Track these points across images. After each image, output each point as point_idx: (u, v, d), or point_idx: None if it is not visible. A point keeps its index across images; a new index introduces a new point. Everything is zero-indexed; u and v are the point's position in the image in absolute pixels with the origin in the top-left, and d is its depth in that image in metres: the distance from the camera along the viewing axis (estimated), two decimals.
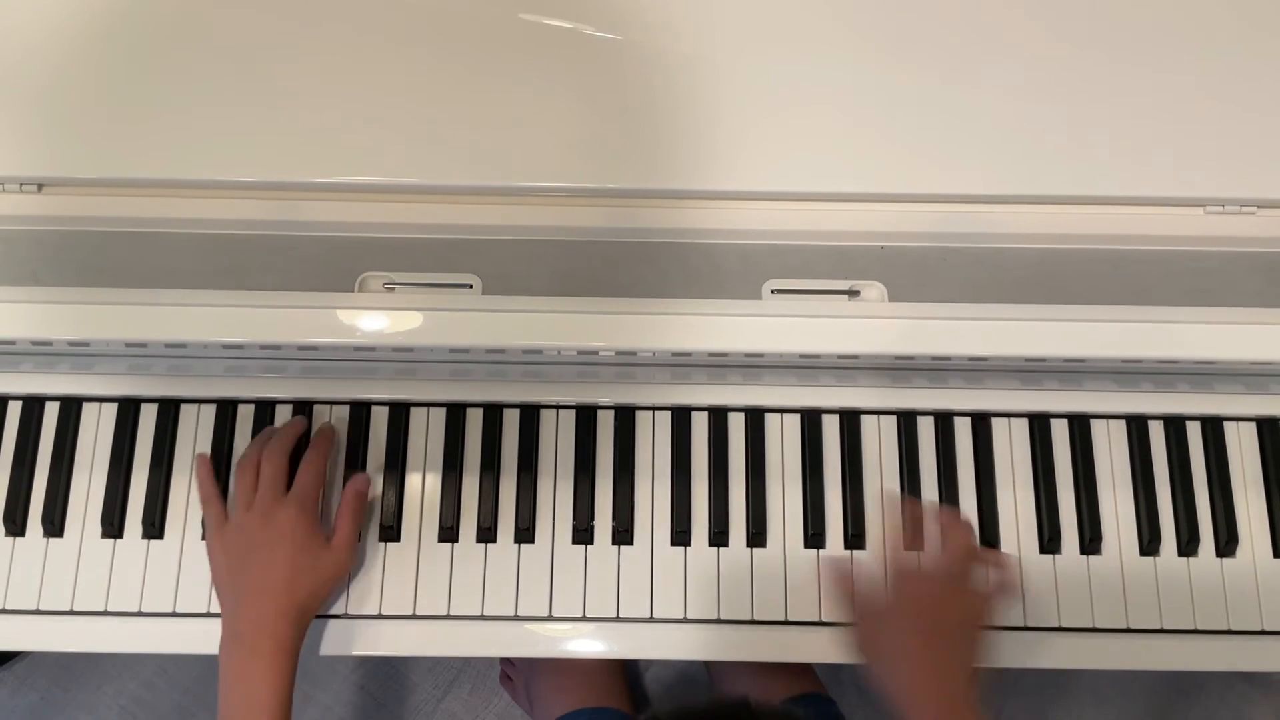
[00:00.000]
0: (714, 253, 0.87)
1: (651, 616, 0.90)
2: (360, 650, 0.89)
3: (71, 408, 0.93)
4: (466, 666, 1.56)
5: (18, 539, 0.90)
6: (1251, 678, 1.56)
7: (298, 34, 0.89)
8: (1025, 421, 0.94)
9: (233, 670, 0.82)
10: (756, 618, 0.90)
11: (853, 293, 0.86)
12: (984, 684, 0.79)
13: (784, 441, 0.94)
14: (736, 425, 0.94)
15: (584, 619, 0.90)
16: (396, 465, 0.92)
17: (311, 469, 0.88)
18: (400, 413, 0.94)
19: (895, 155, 0.87)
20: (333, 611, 0.89)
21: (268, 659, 0.81)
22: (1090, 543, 0.91)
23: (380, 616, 0.89)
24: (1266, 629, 0.90)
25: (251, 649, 0.81)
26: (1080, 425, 0.94)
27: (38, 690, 1.54)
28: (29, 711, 1.53)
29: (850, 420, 0.94)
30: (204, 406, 0.94)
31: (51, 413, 0.93)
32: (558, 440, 0.93)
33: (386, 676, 1.56)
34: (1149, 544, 0.91)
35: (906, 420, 0.94)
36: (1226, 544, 0.92)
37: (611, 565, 0.90)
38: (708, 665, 1.37)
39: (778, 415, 0.94)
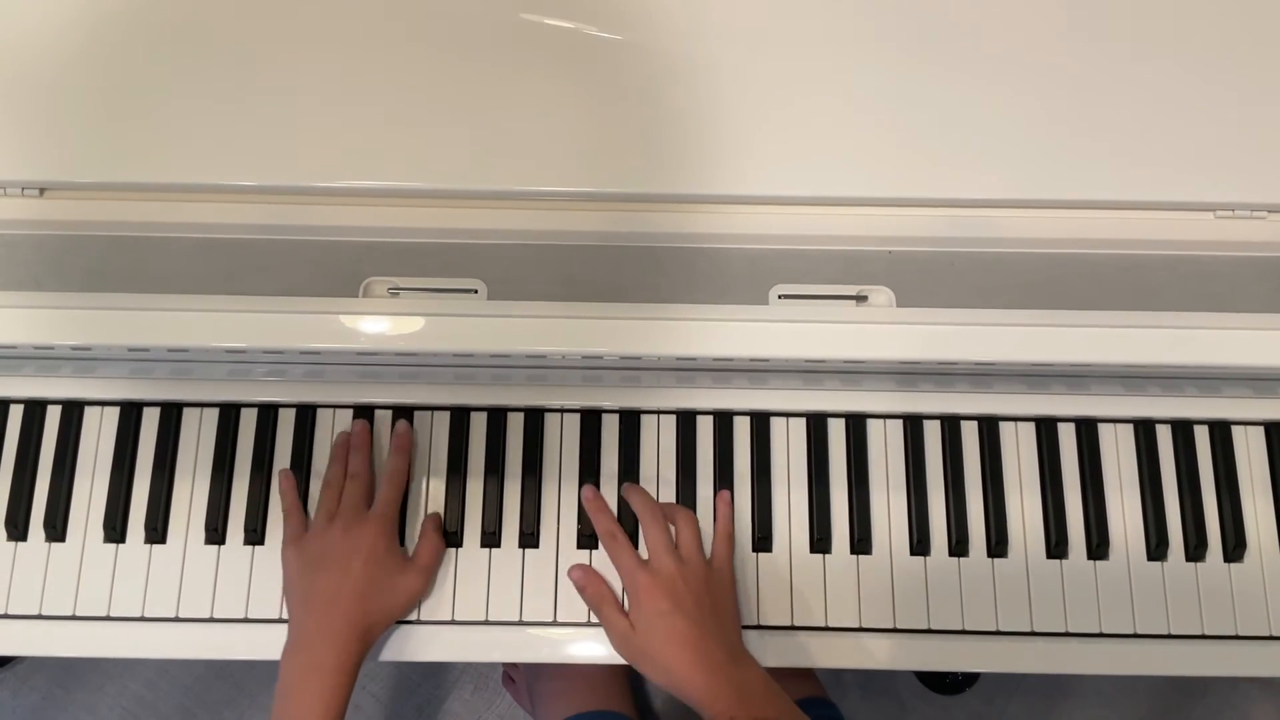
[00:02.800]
0: (721, 257, 0.87)
1: None
2: None
3: (73, 411, 0.93)
4: (469, 667, 1.56)
5: (20, 544, 0.90)
6: (1257, 679, 1.56)
7: (300, 38, 0.88)
8: (1032, 426, 0.94)
9: (291, 679, 0.81)
10: (762, 623, 0.89)
11: (860, 298, 0.86)
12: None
13: (789, 445, 0.93)
14: (742, 429, 0.94)
15: (589, 624, 0.89)
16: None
17: (392, 486, 0.88)
18: (404, 416, 0.93)
19: (903, 159, 0.86)
20: None
21: (328, 673, 0.80)
22: (1098, 548, 0.91)
23: None
24: (1274, 634, 0.90)
25: (314, 660, 0.81)
26: (1088, 429, 0.94)
27: (39, 690, 1.54)
28: (31, 711, 1.53)
29: (856, 424, 0.94)
30: (206, 410, 0.93)
31: (53, 416, 0.93)
32: (562, 444, 0.93)
33: (388, 676, 1.55)
34: (1156, 549, 0.91)
35: (913, 424, 0.94)
36: (1234, 549, 0.91)
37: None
38: None
39: (783, 419, 0.94)
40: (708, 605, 0.84)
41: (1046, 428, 0.94)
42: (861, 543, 0.91)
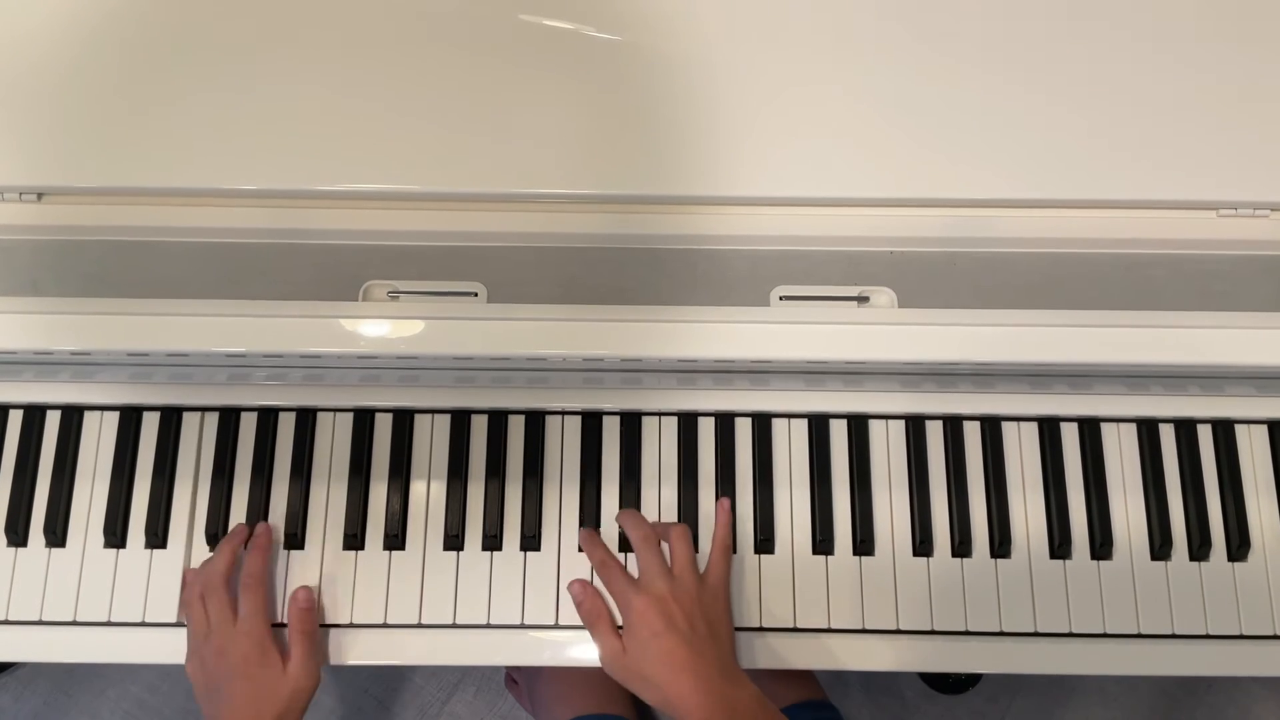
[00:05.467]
0: (721, 259, 0.87)
1: None
2: (364, 660, 0.89)
3: (73, 416, 0.92)
4: (471, 670, 1.55)
5: (20, 549, 0.90)
6: (1261, 678, 1.56)
7: (299, 41, 0.88)
8: (1035, 425, 0.94)
9: None
10: (764, 625, 0.89)
11: (862, 299, 0.86)
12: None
13: (791, 447, 0.93)
14: (744, 431, 0.93)
15: None
16: (401, 473, 0.92)
17: (251, 596, 0.86)
18: (405, 419, 0.93)
19: (904, 159, 0.86)
20: (338, 621, 0.89)
21: None
22: (1101, 547, 0.91)
23: (385, 626, 0.89)
24: (1278, 633, 0.89)
25: None
26: (1090, 429, 0.93)
27: (40, 695, 1.53)
28: (32, 716, 1.53)
29: (859, 425, 0.93)
30: (207, 414, 0.93)
31: (53, 421, 0.92)
32: (563, 447, 0.93)
33: (391, 680, 1.55)
34: (1160, 548, 0.91)
35: (915, 425, 0.93)
36: (1238, 548, 0.91)
37: None
38: None
39: (785, 420, 0.94)
40: (700, 624, 0.83)
41: (1049, 427, 0.93)
42: (864, 544, 0.90)
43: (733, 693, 0.81)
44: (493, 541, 0.91)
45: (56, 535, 0.89)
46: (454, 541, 0.90)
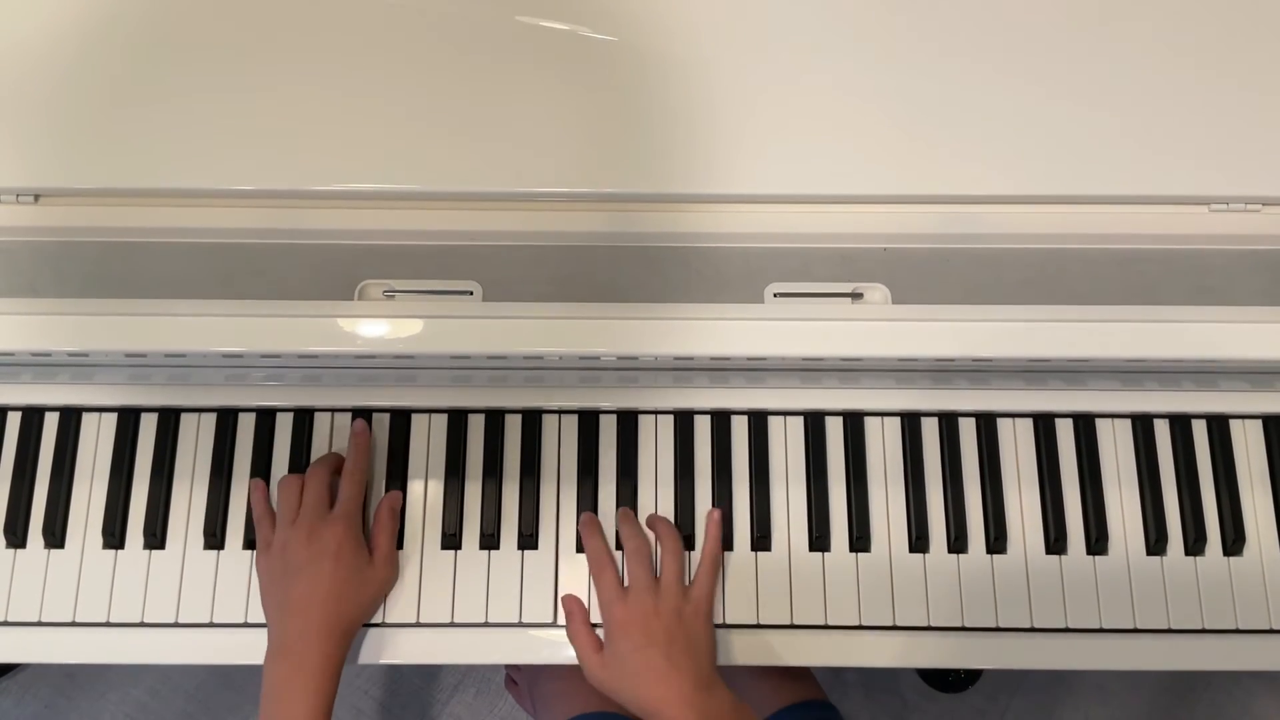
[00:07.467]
0: (715, 256, 0.87)
1: None
2: (364, 659, 0.89)
3: (71, 418, 0.93)
4: (471, 671, 1.56)
5: (19, 551, 0.90)
6: (1259, 673, 1.56)
7: (294, 42, 0.89)
8: (1030, 422, 0.94)
9: (276, 683, 0.82)
10: (761, 622, 0.89)
11: (856, 295, 0.86)
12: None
13: (787, 444, 0.93)
14: (740, 428, 0.94)
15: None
16: (398, 472, 0.92)
17: (352, 483, 0.88)
18: (402, 419, 0.93)
19: (898, 156, 0.86)
20: None
21: (310, 673, 0.81)
22: (1096, 543, 0.91)
23: (384, 625, 0.89)
24: (1274, 628, 0.90)
25: (296, 663, 0.82)
26: (1085, 425, 0.94)
27: (41, 699, 1.54)
28: None
29: (854, 422, 0.93)
30: (204, 415, 0.93)
31: (51, 423, 0.93)
32: (560, 445, 0.93)
33: (391, 681, 1.55)
34: (1155, 544, 0.91)
35: (911, 421, 0.93)
36: (1233, 543, 0.91)
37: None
38: None
39: (781, 418, 0.94)
40: (680, 637, 0.84)
41: (1044, 424, 0.94)
42: (860, 541, 0.91)
43: (710, 703, 0.82)
44: (490, 540, 0.91)
45: (55, 536, 0.90)
46: (451, 540, 0.91)
